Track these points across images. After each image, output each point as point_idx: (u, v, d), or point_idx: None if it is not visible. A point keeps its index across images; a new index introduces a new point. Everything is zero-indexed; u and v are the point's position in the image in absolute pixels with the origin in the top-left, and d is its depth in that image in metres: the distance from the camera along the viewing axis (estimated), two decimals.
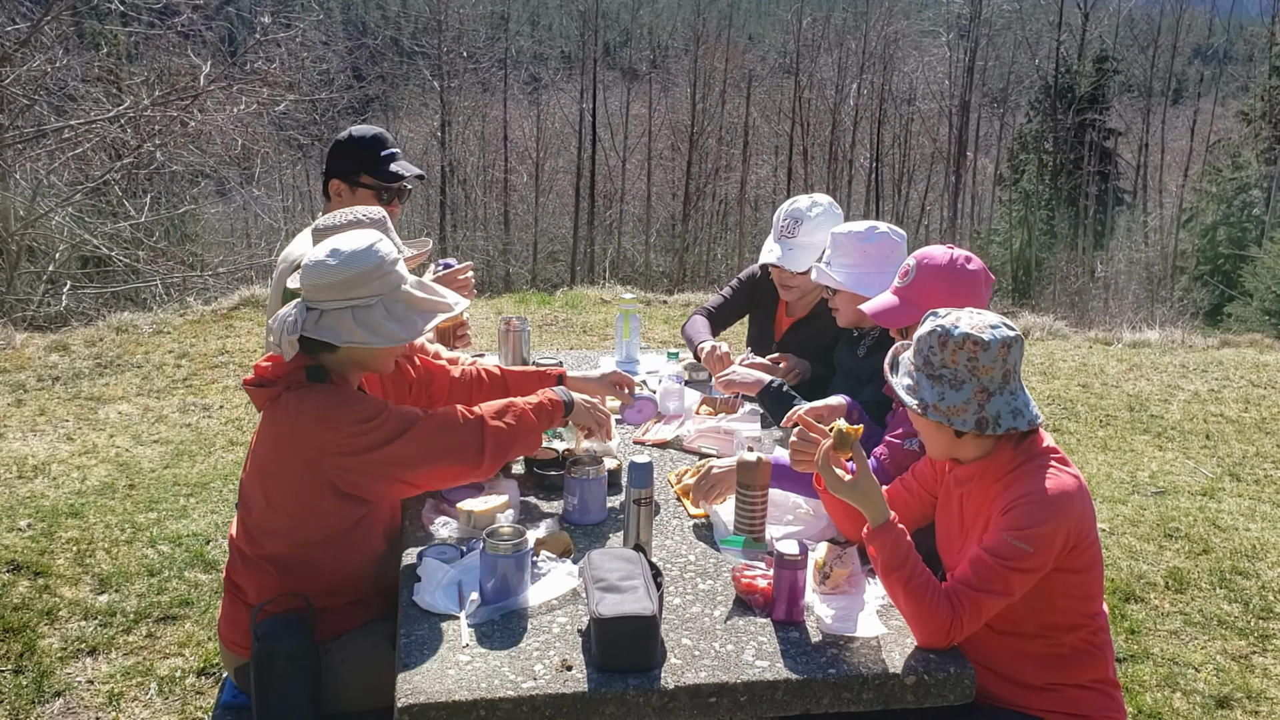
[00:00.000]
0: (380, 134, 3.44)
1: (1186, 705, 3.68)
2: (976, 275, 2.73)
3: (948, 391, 2.24)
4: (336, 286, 2.41)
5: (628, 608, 2.11)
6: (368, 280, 2.43)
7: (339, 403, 2.44)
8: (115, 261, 12.77)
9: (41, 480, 5.29)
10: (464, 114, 36.20)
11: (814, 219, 3.59)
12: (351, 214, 2.88)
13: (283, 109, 14.15)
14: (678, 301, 9.56)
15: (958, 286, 2.70)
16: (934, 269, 2.73)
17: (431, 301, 2.55)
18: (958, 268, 2.71)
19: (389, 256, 2.48)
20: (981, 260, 2.82)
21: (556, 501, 2.88)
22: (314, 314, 2.43)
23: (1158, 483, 5.75)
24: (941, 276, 2.72)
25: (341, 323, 2.42)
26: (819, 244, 3.54)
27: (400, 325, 2.47)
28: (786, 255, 3.60)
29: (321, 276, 2.42)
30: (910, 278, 2.75)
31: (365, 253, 2.44)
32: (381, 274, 2.45)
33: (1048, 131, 37.39)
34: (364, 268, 2.42)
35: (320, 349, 2.48)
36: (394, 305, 2.47)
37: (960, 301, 2.60)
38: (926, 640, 2.20)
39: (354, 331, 2.41)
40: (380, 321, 2.43)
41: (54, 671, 3.67)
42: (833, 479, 2.30)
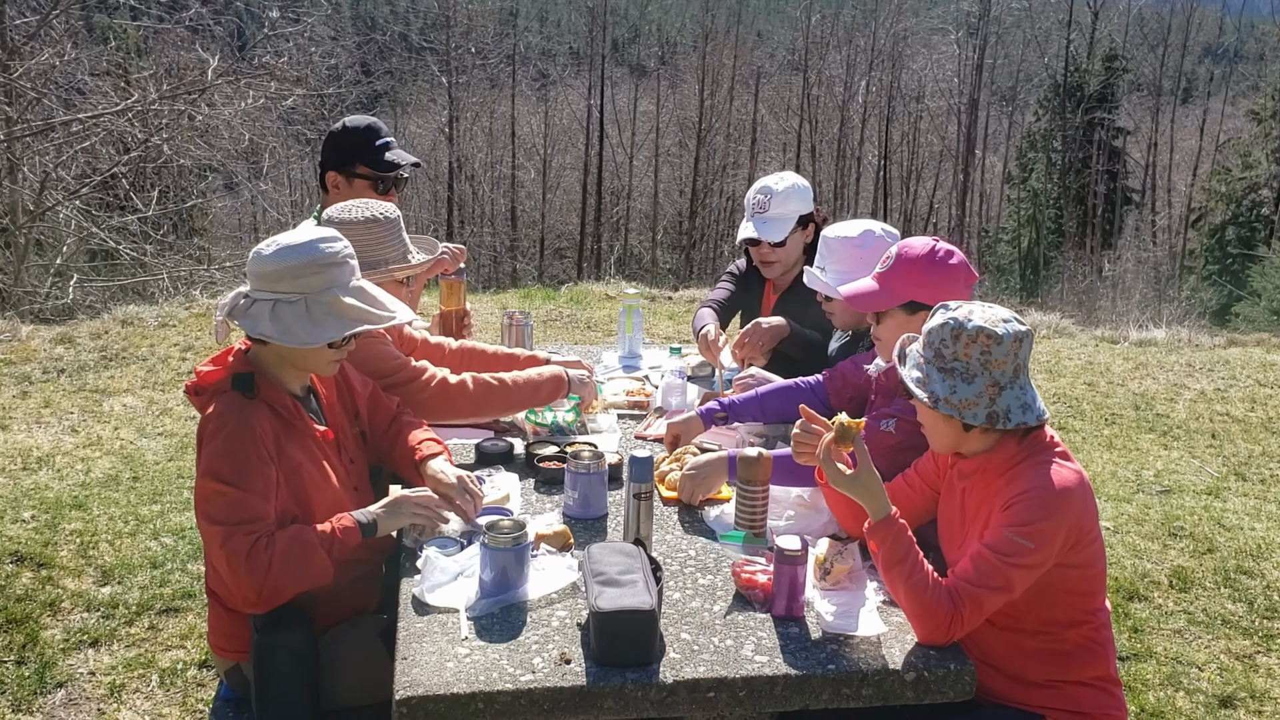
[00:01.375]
0: (374, 123, 3.42)
1: (1189, 705, 3.67)
2: (955, 269, 2.72)
3: (959, 385, 2.23)
4: (264, 277, 2.42)
5: (626, 602, 2.11)
6: (295, 275, 2.41)
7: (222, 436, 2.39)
8: (122, 255, 12.79)
9: (46, 472, 5.30)
10: (472, 110, 36.19)
11: (782, 192, 3.73)
12: (367, 209, 2.88)
13: (290, 104, 14.15)
14: (683, 298, 9.55)
15: (933, 278, 2.70)
16: (912, 259, 2.73)
17: (360, 310, 2.49)
18: (936, 260, 2.71)
19: (328, 257, 2.44)
20: (968, 257, 2.82)
21: (557, 495, 2.88)
22: (247, 301, 2.43)
23: (1163, 481, 5.73)
24: (918, 266, 2.72)
25: (260, 313, 2.41)
26: (791, 214, 3.73)
27: (312, 328, 2.42)
28: (761, 229, 3.73)
29: (255, 265, 2.43)
30: (889, 264, 2.77)
31: (302, 247, 2.43)
32: (311, 272, 2.42)
33: (1056, 130, 37.32)
34: (293, 262, 2.41)
35: (256, 339, 2.48)
36: (315, 306, 2.43)
37: (934, 293, 2.64)
38: (927, 636, 2.19)
39: (265, 324, 2.40)
40: (292, 320, 2.40)
41: (56, 662, 3.68)
42: (834, 473, 2.29)
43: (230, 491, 2.36)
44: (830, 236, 3.19)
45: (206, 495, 2.37)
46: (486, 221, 36.49)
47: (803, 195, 3.76)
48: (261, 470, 2.42)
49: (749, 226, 3.76)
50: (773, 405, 3.21)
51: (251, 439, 2.42)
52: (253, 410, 2.45)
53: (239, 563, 2.31)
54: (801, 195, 3.75)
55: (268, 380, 2.51)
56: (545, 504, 2.84)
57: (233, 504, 2.35)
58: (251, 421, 2.43)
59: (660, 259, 36.20)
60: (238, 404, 2.44)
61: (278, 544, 2.36)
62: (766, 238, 3.73)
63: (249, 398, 2.46)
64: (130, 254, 12.60)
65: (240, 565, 2.31)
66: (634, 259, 36.36)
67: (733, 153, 37.32)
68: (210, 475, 2.37)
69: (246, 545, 2.32)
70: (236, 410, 2.43)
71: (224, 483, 2.36)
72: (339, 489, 2.62)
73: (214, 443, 2.40)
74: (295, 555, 2.37)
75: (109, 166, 12.53)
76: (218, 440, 2.39)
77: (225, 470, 2.37)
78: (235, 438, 2.40)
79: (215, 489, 2.36)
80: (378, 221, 2.84)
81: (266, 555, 2.32)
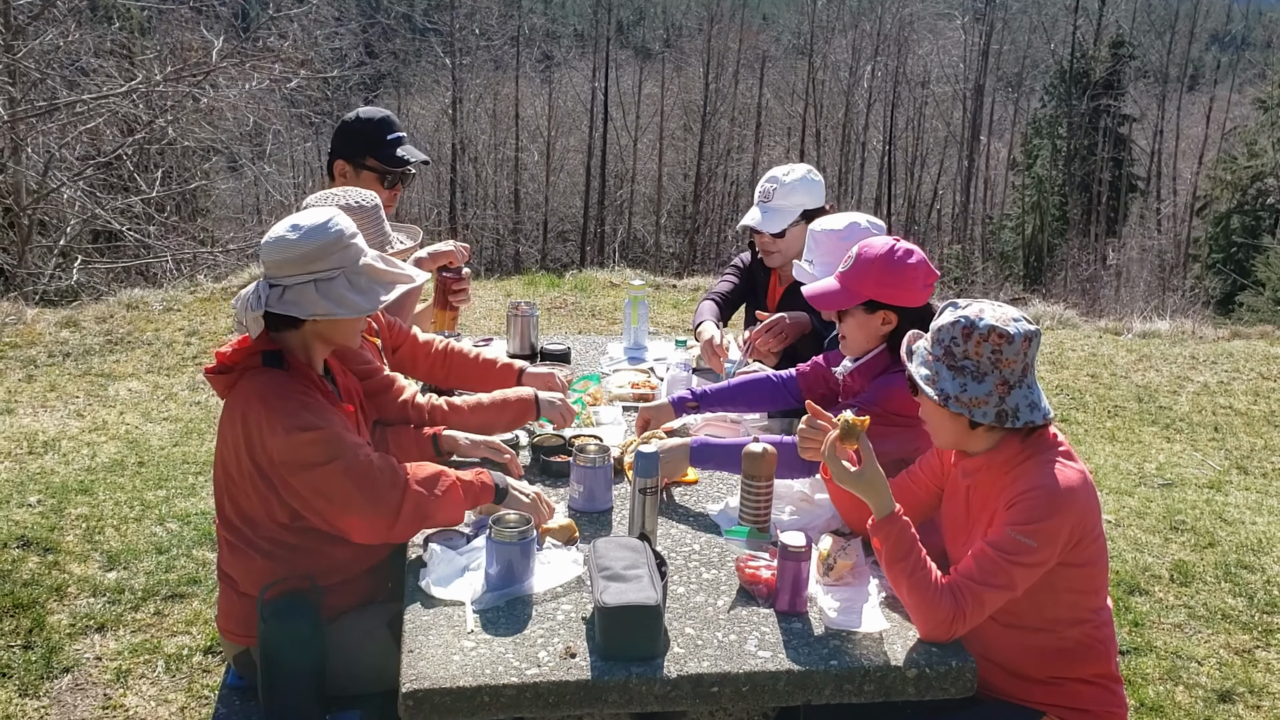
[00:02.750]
0: (388, 117, 3.43)
1: (1189, 699, 3.69)
2: (914, 270, 2.75)
3: (970, 383, 2.24)
4: (298, 260, 2.42)
5: (631, 597, 2.12)
6: (328, 253, 2.43)
7: (283, 399, 2.43)
8: (126, 236, 12.78)
9: (51, 456, 5.32)
10: (476, 91, 36.07)
11: (789, 184, 3.72)
12: (344, 197, 2.87)
13: (295, 85, 14.10)
14: (687, 286, 9.53)
15: (890, 277, 2.74)
16: (870, 258, 2.77)
17: (393, 273, 2.56)
18: (894, 260, 2.74)
19: (347, 230, 2.49)
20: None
21: (562, 488, 2.89)
22: (277, 290, 2.43)
23: (1165, 475, 5.74)
24: (875, 266, 2.75)
25: (305, 296, 2.42)
26: (794, 207, 3.71)
27: (363, 296, 2.47)
28: (764, 219, 3.72)
29: (283, 251, 2.42)
30: (849, 264, 2.81)
31: (325, 226, 2.45)
32: (342, 246, 2.46)
33: (1062, 116, 37.17)
34: (324, 240, 2.43)
35: (284, 325, 2.49)
36: (356, 277, 2.48)
37: (893, 292, 2.74)
38: (929, 633, 2.21)
39: (318, 303, 2.42)
40: (343, 293, 2.44)
41: (63, 648, 3.70)
42: (839, 469, 2.30)
43: (321, 432, 2.40)
44: (816, 230, 3.20)
45: (299, 447, 2.38)
46: (490, 204, 36.41)
47: (810, 189, 3.74)
48: (333, 412, 2.50)
49: (753, 214, 3.77)
50: (744, 397, 3.24)
51: (307, 391, 2.48)
52: (291, 379, 2.49)
53: (374, 476, 2.40)
54: (809, 189, 3.73)
55: (294, 358, 2.53)
56: (551, 497, 2.85)
57: (329, 440, 2.40)
58: (297, 385, 2.48)
59: (664, 243, 36.12)
60: (276, 375, 2.47)
61: (412, 468, 2.48)
62: (764, 228, 3.73)
63: (283, 371, 2.49)
64: (134, 236, 12.59)
65: (379, 479, 2.41)
66: (637, 243, 36.29)
67: (737, 137, 37.18)
68: (294, 429, 2.38)
69: (370, 462, 2.41)
70: (279, 379, 2.46)
71: (311, 428, 2.39)
72: None
73: (274, 405, 2.41)
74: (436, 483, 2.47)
75: (113, 148, 12.51)
76: (276, 401, 2.42)
77: (306, 418, 2.41)
78: (293, 394, 2.45)
79: (306, 438, 2.39)
80: (354, 210, 2.83)
81: (402, 472, 2.43)
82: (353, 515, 2.43)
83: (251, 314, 2.43)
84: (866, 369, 2.91)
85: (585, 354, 4.09)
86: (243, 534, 2.54)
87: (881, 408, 2.72)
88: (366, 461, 2.42)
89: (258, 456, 2.44)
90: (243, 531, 2.54)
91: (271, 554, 2.53)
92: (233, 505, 2.54)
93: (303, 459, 2.40)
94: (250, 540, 2.54)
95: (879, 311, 2.82)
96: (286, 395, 2.44)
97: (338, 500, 2.42)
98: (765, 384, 3.24)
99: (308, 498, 2.43)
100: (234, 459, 2.48)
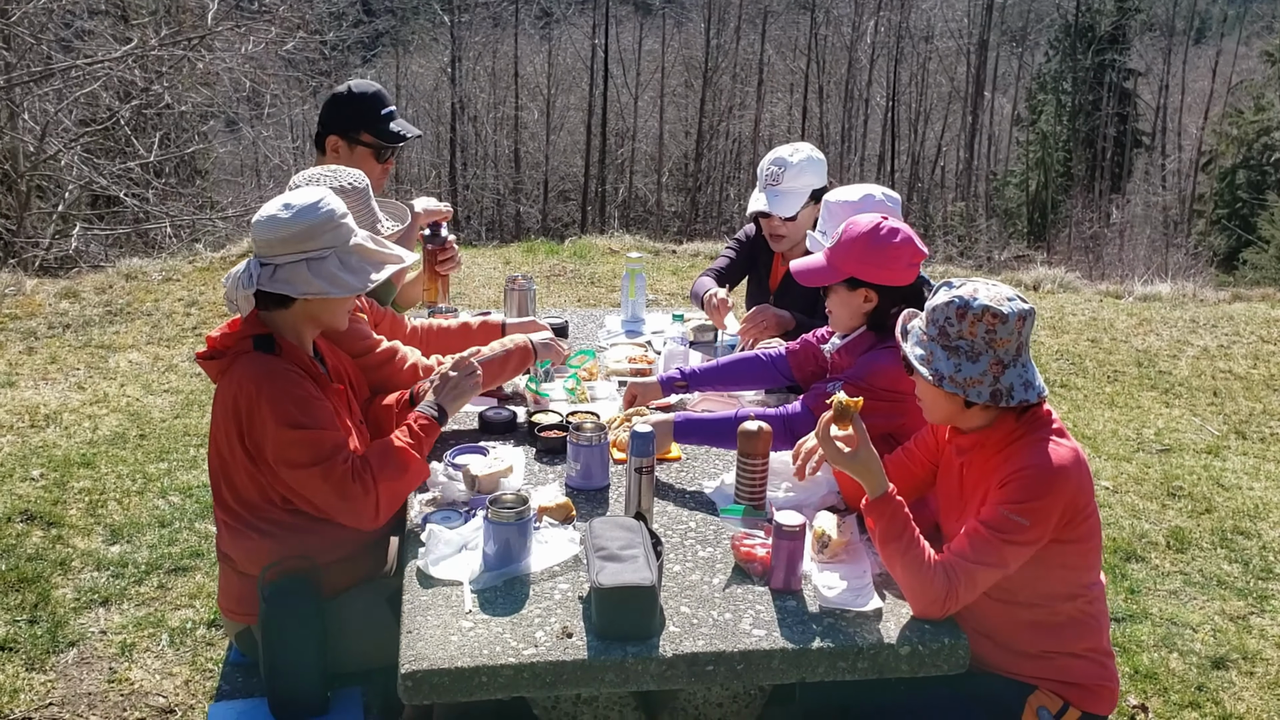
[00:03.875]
0: (380, 91, 3.41)
1: (1183, 666, 3.72)
2: (898, 248, 2.75)
3: (964, 363, 2.24)
4: (290, 239, 2.43)
5: (627, 577, 2.14)
6: (320, 232, 2.46)
7: (277, 388, 2.46)
8: (125, 201, 12.73)
9: (53, 429, 5.34)
10: (474, 49, 35.73)
11: (797, 165, 3.66)
12: (335, 178, 2.85)
13: (291, 47, 13.98)
14: (686, 251, 9.49)
15: (874, 255, 2.75)
16: (852, 236, 2.78)
17: (382, 254, 2.59)
18: (878, 237, 2.75)
19: (338, 210, 2.51)
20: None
21: (558, 465, 2.91)
22: (268, 269, 2.45)
23: (1163, 440, 5.75)
24: (858, 244, 2.77)
25: (297, 274, 2.44)
26: (804, 188, 3.66)
27: (354, 275, 2.50)
28: (773, 201, 3.67)
29: (275, 230, 2.44)
30: (836, 239, 2.82)
31: (315, 205, 2.47)
32: (333, 226, 2.48)
33: (1067, 71, 36.85)
34: (315, 220, 2.45)
35: (274, 305, 2.51)
36: (347, 257, 2.51)
37: (874, 271, 2.75)
38: (922, 610, 2.23)
39: (310, 282, 2.44)
40: (335, 272, 2.47)
41: (68, 622, 3.74)
42: (833, 451, 2.31)
43: (308, 433, 2.44)
44: (831, 200, 3.19)
45: (286, 445, 2.43)
46: (489, 163, 36.20)
47: (817, 169, 3.69)
48: (323, 405, 2.52)
49: (760, 198, 3.70)
50: (733, 375, 3.24)
51: (299, 381, 2.50)
52: (283, 364, 2.51)
53: (348, 487, 2.45)
54: (816, 169, 3.68)
55: (284, 340, 2.55)
56: (548, 474, 2.87)
57: (315, 443, 2.44)
58: (289, 372, 2.50)
59: (666, 201, 35.94)
60: (268, 361, 2.49)
61: (371, 460, 2.51)
62: (777, 211, 3.67)
63: (274, 355, 2.51)
64: (132, 202, 12.54)
65: (352, 488, 2.45)
66: (639, 201, 36.12)
67: (739, 94, 36.84)
68: (284, 424, 2.43)
69: (347, 471, 2.45)
70: (271, 366, 2.49)
71: (299, 427, 2.43)
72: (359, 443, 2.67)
73: (266, 395, 2.44)
74: (393, 464, 2.52)
75: (108, 115, 12.42)
76: (269, 391, 2.44)
77: (295, 414, 2.44)
78: (286, 383, 2.47)
79: (293, 437, 2.43)
80: (344, 191, 2.82)
81: (368, 473, 2.47)
82: (332, 514, 2.50)
83: (243, 292, 2.45)
84: (852, 346, 2.92)
85: (582, 327, 4.09)
86: (240, 515, 2.57)
87: (868, 384, 2.74)
88: (344, 471, 2.46)
89: (248, 443, 2.48)
90: (239, 513, 2.57)
91: (269, 533, 2.55)
92: (229, 487, 2.57)
93: (287, 457, 2.45)
94: (247, 521, 2.56)
95: (859, 289, 2.82)
96: (280, 385, 2.46)
97: (318, 501, 2.49)
98: (754, 362, 3.25)
99: (295, 489, 2.50)
100: (226, 443, 2.51)
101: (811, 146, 3.73)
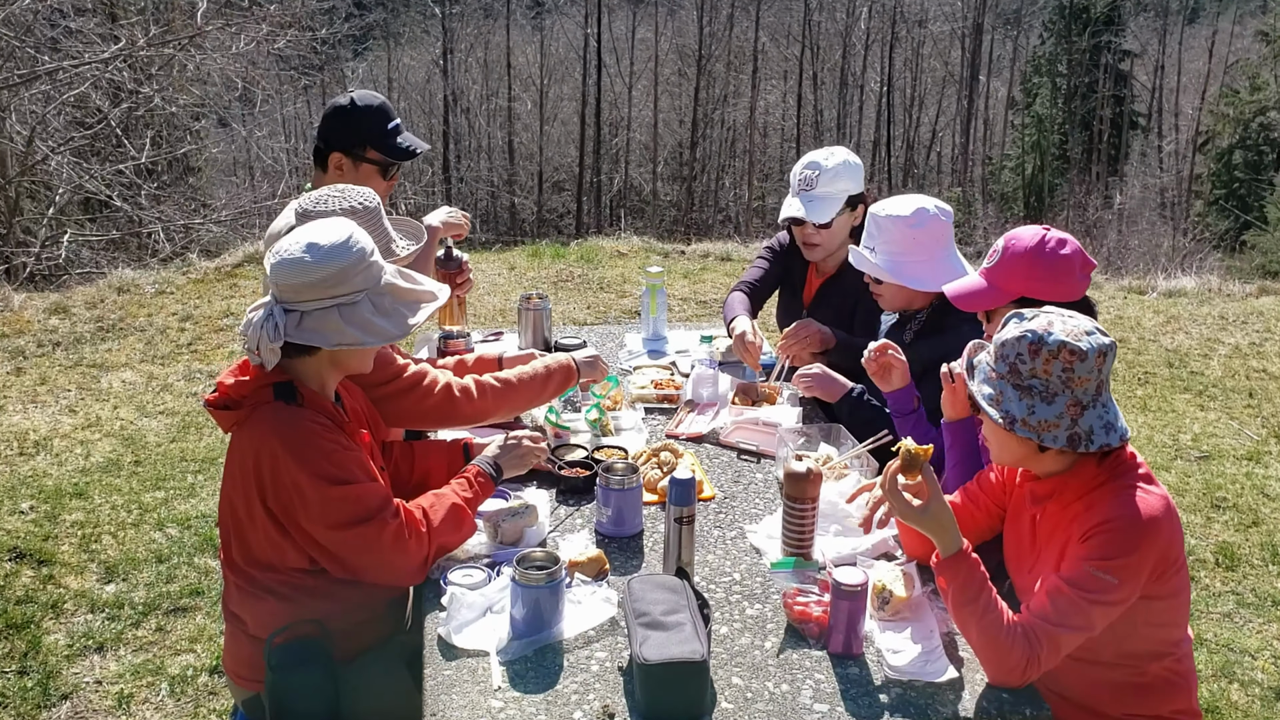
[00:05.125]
0: (385, 103, 3.17)
1: (1245, 698, 3.52)
2: (1069, 260, 2.49)
3: (1038, 405, 2.02)
4: (319, 284, 2.18)
5: (674, 650, 1.95)
6: (351, 275, 2.21)
7: (307, 444, 2.22)
8: (116, 205, 12.45)
9: (44, 457, 5.10)
10: (466, 41, 35.49)
11: (831, 170, 3.42)
12: (344, 199, 2.61)
13: (282, 45, 13.70)
14: (695, 252, 9.21)
15: (1043, 270, 2.49)
16: (1019, 253, 2.52)
17: (416, 291, 2.34)
18: (1046, 251, 2.50)
19: (368, 247, 2.26)
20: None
21: (586, 506, 2.70)
22: (293, 316, 2.20)
23: (1201, 446, 5.52)
24: (1026, 260, 2.51)
25: (328, 323, 2.20)
26: (840, 193, 3.43)
27: (389, 320, 2.26)
28: (808, 207, 3.43)
29: (301, 275, 2.18)
30: (996, 259, 2.56)
31: (345, 245, 2.21)
32: (364, 267, 2.23)
33: (1061, 54, 36.72)
34: (346, 262, 2.20)
35: (298, 352, 2.26)
36: (380, 299, 2.26)
37: (1046, 288, 2.46)
38: (999, 679, 2.04)
39: (343, 331, 2.20)
40: (369, 318, 2.22)
41: (60, 672, 3.52)
42: (901, 505, 2.10)
43: (351, 489, 2.22)
44: (881, 215, 2.97)
45: (328, 504, 2.21)
46: (483, 155, 35.99)
47: (854, 174, 3.45)
48: (358, 457, 2.29)
49: (794, 204, 3.46)
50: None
51: (328, 433, 2.26)
52: (307, 415, 2.26)
53: (407, 543, 2.26)
54: (853, 173, 3.44)
55: (305, 388, 2.31)
56: (575, 520, 2.65)
57: (361, 499, 2.23)
58: (315, 424, 2.26)
59: (661, 191, 35.72)
60: (291, 412, 2.25)
61: (430, 514, 2.34)
62: (812, 218, 3.42)
63: (295, 405, 2.27)
64: (124, 206, 12.27)
65: (408, 544, 2.27)
66: (634, 191, 35.91)
67: (733, 81, 36.62)
68: (322, 482, 2.20)
69: (400, 525, 2.26)
70: (296, 418, 2.24)
71: (339, 483, 2.21)
72: None
73: (296, 454, 2.20)
74: (451, 520, 2.36)
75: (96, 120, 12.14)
76: (299, 448, 2.21)
77: (332, 470, 2.22)
78: (315, 438, 2.23)
79: (335, 494, 2.21)
80: (356, 213, 2.55)
81: (425, 526, 2.30)
82: (381, 573, 2.29)
83: (269, 345, 2.19)
84: None
85: (602, 346, 3.88)
86: (253, 577, 2.34)
87: None
88: (397, 527, 2.25)
89: (271, 502, 2.24)
90: (252, 574, 2.34)
91: (287, 597, 2.33)
92: (241, 548, 2.33)
93: (332, 517, 2.21)
94: (261, 583, 2.34)
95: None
96: (310, 440, 2.22)
97: (368, 560, 2.26)
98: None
99: (334, 552, 2.26)
100: (244, 503, 2.27)
101: (847, 150, 3.48)
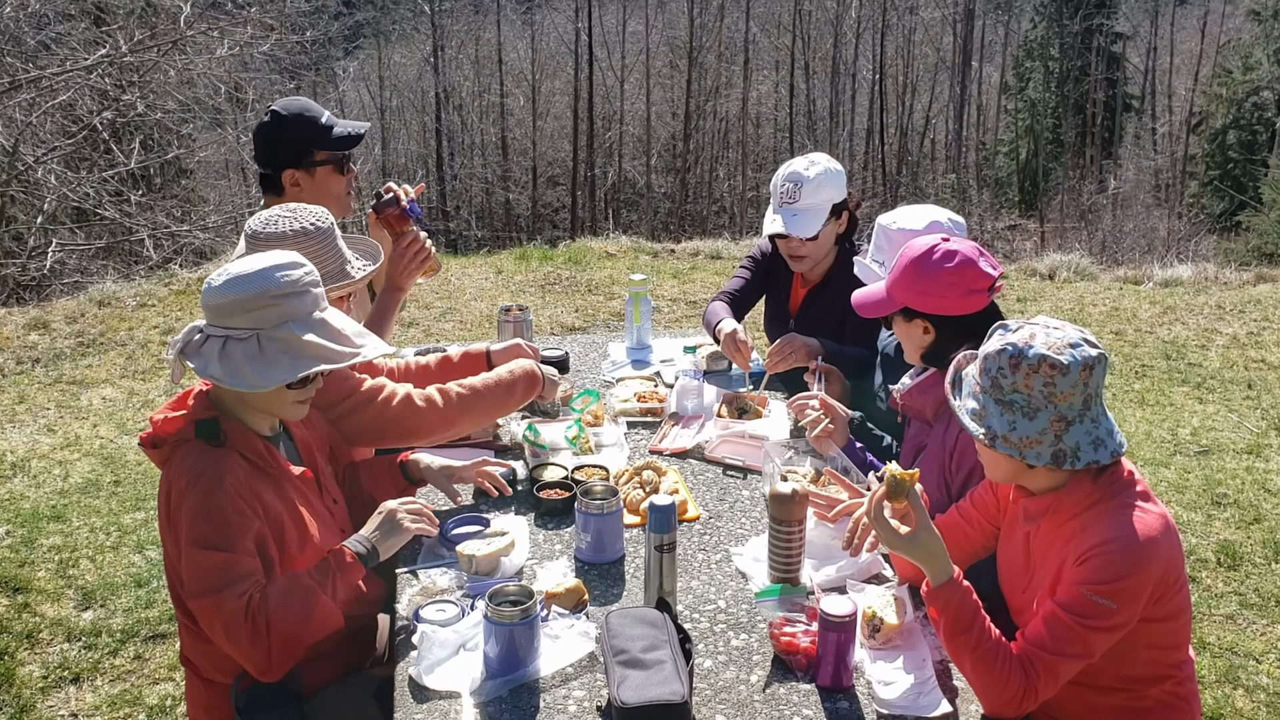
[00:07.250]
0: (307, 103, 3.02)
1: (1250, 704, 3.42)
2: (947, 273, 2.43)
3: (1020, 420, 1.94)
4: (215, 310, 2.13)
5: (653, 692, 1.87)
6: (246, 309, 2.11)
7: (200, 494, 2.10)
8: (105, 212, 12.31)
9: (21, 479, 5.00)
10: (457, 37, 35.32)
11: (814, 180, 3.30)
12: (295, 219, 2.49)
13: (267, 48, 13.55)
14: (685, 251, 9.10)
15: (923, 283, 2.46)
16: (904, 261, 2.50)
17: (319, 347, 2.16)
18: (930, 262, 2.45)
19: (284, 287, 2.13)
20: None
21: (564, 529, 2.60)
22: (200, 337, 2.14)
23: (1200, 440, 5.42)
24: (910, 270, 2.49)
25: (210, 352, 2.12)
26: (823, 203, 3.31)
27: (264, 369, 2.10)
28: (791, 222, 3.31)
29: (205, 297, 2.14)
30: (895, 265, 2.53)
31: (255, 277, 2.11)
32: (264, 304, 2.11)
33: (1054, 37, 36.60)
34: (243, 294, 2.10)
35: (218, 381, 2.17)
36: (269, 343, 2.12)
37: (924, 300, 2.46)
38: (995, 710, 1.95)
39: (213, 366, 2.10)
40: (242, 360, 2.10)
41: (34, 705, 3.43)
42: (888, 533, 2.00)
43: (217, 556, 2.07)
44: (891, 228, 2.85)
45: (190, 566, 2.09)
46: (477, 152, 35.84)
47: (836, 181, 3.33)
48: (245, 525, 2.14)
49: (776, 219, 3.34)
50: None
51: (228, 492, 2.13)
52: (223, 459, 2.15)
53: (238, 629, 2.05)
54: (835, 181, 3.33)
55: (234, 424, 2.21)
56: (554, 544, 2.56)
57: (220, 569, 2.07)
58: (223, 472, 2.14)
59: (655, 183, 35.60)
60: (205, 455, 2.15)
61: (270, 600, 2.08)
62: (796, 232, 3.30)
63: (216, 445, 2.17)
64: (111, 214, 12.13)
65: (241, 632, 2.05)
66: (628, 184, 35.78)
67: (725, 72, 36.48)
68: (195, 544, 2.08)
69: (241, 609, 2.05)
70: (205, 463, 2.14)
71: (210, 549, 2.07)
72: (325, 532, 2.34)
73: (188, 504, 2.10)
74: (295, 606, 2.11)
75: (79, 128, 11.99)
76: (191, 500, 2.10)
77: (208, 534, 2.08)
78: (210, 494, 2.11)
79: (196, 557, 2.08)
80: (308, 234, 2.47)
81: (263, 615, 2.06)
82: (230, 650, 2.11)
83: (171, 355, 2.15)
84: (922, 386, 2.60)
85: (585, 358, 3.78)
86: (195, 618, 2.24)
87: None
88: (236, 608, 2.05)
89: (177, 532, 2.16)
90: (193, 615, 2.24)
91: None
92: (179, 586, 2.23)
93: (190, 580, 2.10)
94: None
95: (915, 320, 2.52)
96: (204, 492, 2.10)
97: (213, 633, 2.11)
98: None
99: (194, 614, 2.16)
100: (171, 541, 2.20)
101: (828, 157, 3.36)
